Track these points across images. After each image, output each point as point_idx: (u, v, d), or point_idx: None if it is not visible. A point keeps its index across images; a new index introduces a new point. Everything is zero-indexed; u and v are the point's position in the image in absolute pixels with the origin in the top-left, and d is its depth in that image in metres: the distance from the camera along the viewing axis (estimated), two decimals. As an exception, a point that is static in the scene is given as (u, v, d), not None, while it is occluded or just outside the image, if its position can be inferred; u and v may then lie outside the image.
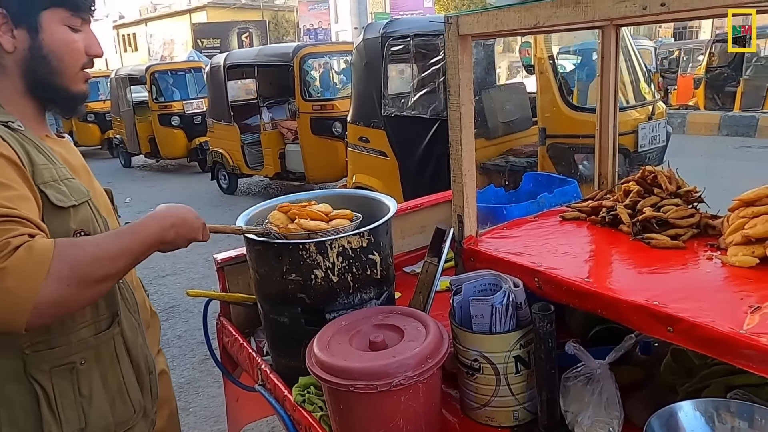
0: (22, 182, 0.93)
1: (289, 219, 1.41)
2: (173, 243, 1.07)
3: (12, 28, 1.01)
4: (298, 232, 1.37)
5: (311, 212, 1.42)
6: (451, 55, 1.26)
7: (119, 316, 1.10)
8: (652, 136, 4.42)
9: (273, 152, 7.60)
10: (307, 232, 1.36)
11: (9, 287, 0.83)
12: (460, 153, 1.31)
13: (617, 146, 1.66)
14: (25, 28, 1.02)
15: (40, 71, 1.04)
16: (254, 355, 1.58)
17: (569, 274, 1.16)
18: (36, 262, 0.85)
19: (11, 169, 0.92)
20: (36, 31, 1.02)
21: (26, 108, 1.06)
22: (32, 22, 1.02)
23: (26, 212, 0.90)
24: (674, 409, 0.91)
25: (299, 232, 1.36)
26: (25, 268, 0.84)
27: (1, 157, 0.92)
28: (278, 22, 36.59)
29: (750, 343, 0.85)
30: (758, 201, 1.20)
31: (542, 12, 1.04)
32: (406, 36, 4.68)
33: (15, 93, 1.05)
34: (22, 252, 0.84)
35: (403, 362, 1.08)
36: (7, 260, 0.82)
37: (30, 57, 1.03)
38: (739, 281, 1.08)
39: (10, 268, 0.82)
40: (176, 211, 1.10)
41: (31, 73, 1.04)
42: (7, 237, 0.84)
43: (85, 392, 1.03)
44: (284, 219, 1.42)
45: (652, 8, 0.88)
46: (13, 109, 1.03)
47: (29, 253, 0.84)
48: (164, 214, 1.07)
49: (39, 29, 1.02)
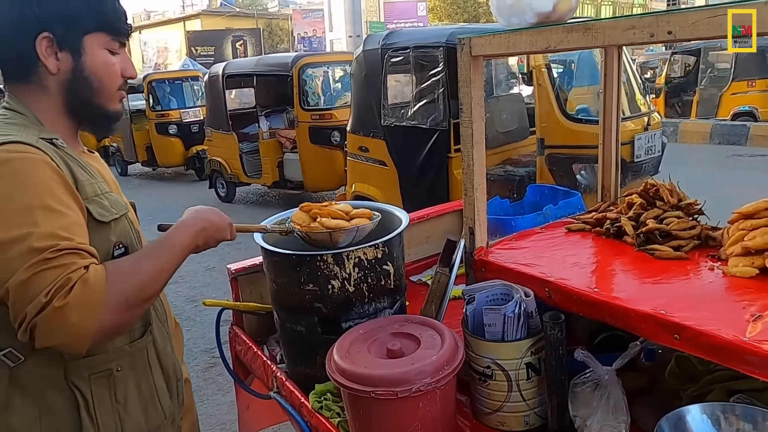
0: (74, 204, 0.99)
1: (311, 218, 1.46)
2: (204, 246, 1.15)
3: (57, 51, 1.06)
4: (320, 230, 1.41)
5: (332, 211, 1.46)
6: (463, 75, 1.31)
7: (151, 326, 1.15)
8: (648, 147, 4.50)
9: (271, 161, 7.66)
10: (329, 231, 1.41)
11: (72, 322, 0.90)
12: (471, 167, 1.36)
13: (620, 160, 1.72)
14: (68, 50, 1.07)
15: (81, 91, 1.09)
16: (269, 363, 1.62)
17: (578, 284, 1.22)
18: (93, 295, 0.91)
19: (64, 190, 0.98)
20: (79, 53, 1.07)
21: (64, 126, 1.11)
22: (76, 46, 1.07)
23: (81, 240, 0.95)
24: (682, 413, 0.96)
25: (321, 230, 1.41)
26: (84, 302, 0.90)
27: (57, 177, 0.97)
28: (272, 30, 36.70)
29: (753, 350, 0.90)
30: (757, 214, 1.26)
31: (554, 36, 1.10)
32: (406, 47, 4.76)
33: (55, 112, 1.10)
34: (80, 287, 0.90)
35: (421, 369, 1.13)
36: (68, 296, 0.89)
37: (72, 78, 1.08)
38: (741, 291, 1.13)
39: (72, 304, 0.89)
40: (203, 215, 1.16)
41: (73, 93, 1.09)
42: (68, 273, 0.90)
43: (121, 398, 1.08)
44: (306, 218, 1.46)
45: (659, 36, 0.94)
46: (53, 127, 1.08)
47: (86, 288, 0.91)
48: (193, 221, 1.13)
49: (82, 52, 1.08)
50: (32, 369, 1.01)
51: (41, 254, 0.89)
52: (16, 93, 1.09)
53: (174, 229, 1.11)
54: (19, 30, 1.03)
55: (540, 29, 1.15)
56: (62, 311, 0.88)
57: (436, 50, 4.53)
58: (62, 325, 0.89)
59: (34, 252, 0.89)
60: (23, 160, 0.95)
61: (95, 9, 1.08)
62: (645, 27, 0.96)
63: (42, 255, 0.89)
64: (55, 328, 0.89)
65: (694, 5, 13.37)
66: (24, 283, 0.89)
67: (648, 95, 5.21)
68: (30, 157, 0.96)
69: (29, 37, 1.03)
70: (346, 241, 1.43)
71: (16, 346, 0.99)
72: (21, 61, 1.06)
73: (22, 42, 1.04)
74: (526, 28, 1.18)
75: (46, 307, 0.88)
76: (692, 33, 0.92)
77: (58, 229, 0.92)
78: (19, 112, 1.06)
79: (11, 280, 0.89)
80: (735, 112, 10.97)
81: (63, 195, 0.97)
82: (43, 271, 0.89)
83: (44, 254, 0.89)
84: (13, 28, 1.04)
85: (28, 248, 0.89)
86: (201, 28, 32.76)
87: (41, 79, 1.07)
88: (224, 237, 1.19)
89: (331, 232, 1.41)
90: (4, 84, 1.11)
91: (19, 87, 1.08)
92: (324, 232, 1.41)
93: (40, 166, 0.96)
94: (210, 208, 1.20)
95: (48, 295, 0.88)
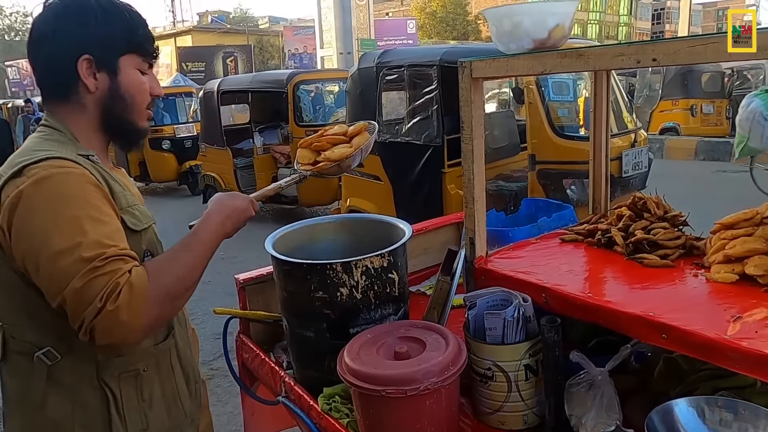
0: (113, 213, 1.07)
1: (314, 153, 1.48)
2: (234, 231, 1.24)
3: (95, 71, 1.15)
4: (329, 165, 1.45)
5: (331, 138, 1.49)
6: (464, 95, 1.41)
7: (174, 330, 1.23)
8: (635, 163, 4.63)
9: (266, 176, 7.73)
10: (337, 163, 1.44)
11: (123, 321, 0.98)
12: (472, 181, 1.45)
13: (609, 174, 1.82)
14: (106, 71, 1.16)
15: (115, 108, 1.18)
16: (277, 369, 1.68)
17: (573, 289, 1.30)
18: (139, 295, 1.00)
19: (105, 200, 1.06)
20: (115, 73, 1.16)
21: (97, 142, 1.20)
22: (113, 66, 1.16)
23: (123, 246, 1.04)
24: (670, 406, 1.04)
25: (329, 165, 1.45)
26: (132, 302, 0.99)
27: (97, 190, 1.05)
28: (263, 47, 36.96)
29: (733, 347, 0.99)
30: (736, 225, 1.35)
31: (549, 61, 1.20)
32: (401, 66, 4.88)
33: (90, 128, 1.18)
34: (127, 290, 0.98)
35: (429, 369, 1.20)
36: (118, 299, 0.97)
37: (108, 96, 1.17)
38: (722, 295, 1.22)
39: (122, 305, 0.97)
40: (225, 202, 1.24)
41: (108, 110, 1.18)
42: (116, 278, 0.98)
43: (146, 397, 1.15)
44: (310, 154, 1.49)
45: (645, 62, 1.04)
46: (87, 143, 1.16)
47: (132, 290, 0.99)
48: (217, 210, 1.21)
49: (117, 72, 1.17)
50: (67, 367, 1.09)
51: (91, 263, 0.97)
52: (55, 112, 1.17)
53: (202, 223, 1.18)
54: (63, 54, 1.12)
55: (536, 54, 1.25)
56: (114, 313, 0.96)
57: (430, 68, 4.66)
58: (117, 325, 0.97)
59: (84, 261, 0.97)
60: (67, 174, 1.03)
61: (129, 34, 1.17)
62: (632, 54, 1.06)
63: (92, 264, 0.97)
64: (111, 328, 0.98)
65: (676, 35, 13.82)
66: (79, 291, 0.97)
67: (633, 113, 5.35)
68: (72, 172, 1.04)
69: (71, 60, 1.12)
70: (355, 163, 1.47)
71: (54, 346, 1.07)
72: (62, 82, 1.14)
73: (64, 64, 1.12)
74: (523, 53, 1.28)
75: (102, 311, 0.96)
76: (674, 60, 1.02)
77: (102, 237, 1.00)
78: (57, 129, 1.14)
79: (67, 289, 0.97)
80: (662, 128, 12.46)
81: (103, 205, 1.05)
82: (95, 278, 0.97)
83: (94, 263, 0.97)
84: (58, 52, 1.12)
85: (78, 258, 0.97)
86: (192, 44, 32.94)
87: (80, 97, 1.15)
88: (249, 215, 1.27)
89: (340, 163, 1.45)
90: (43, 104, 1.19)
91: (58, 106, 1.16)
92: (333, 165, 1.45)
93: (81, 180, 1.04)
94: (229, 194, 1.29)
95: (102, 300, 0.96)
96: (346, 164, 1.46)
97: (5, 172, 1.05)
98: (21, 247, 1.01)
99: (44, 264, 0.99)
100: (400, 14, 41.98)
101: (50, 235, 0.98)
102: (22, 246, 1.01)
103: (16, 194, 1.00)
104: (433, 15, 38.34)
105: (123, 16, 1.17)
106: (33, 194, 1.00)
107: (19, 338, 1.11)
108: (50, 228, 0.99)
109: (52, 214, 1.00)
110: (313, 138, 1.52)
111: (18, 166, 1.03)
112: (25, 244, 1.01)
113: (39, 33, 1.14)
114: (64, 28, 1.12)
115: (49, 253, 0.98)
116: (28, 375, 1.11)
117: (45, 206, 1.00)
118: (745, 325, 1.05)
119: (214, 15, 44.20)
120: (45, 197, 1.00)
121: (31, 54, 1.16)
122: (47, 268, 0.99)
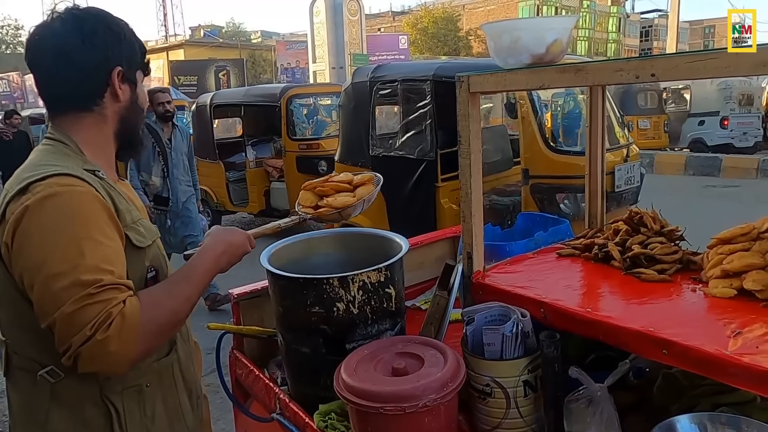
0: (116, 233, 1.06)
1: (316, 196, 1.49)
2: (228, 266, 1.24)
3: (122, 82, 1.18)
4: (330, 212, 1.46)
5: (335, 185, 1.50)
6: (462, 110, 1.41)
7: (176, 345, 1.22)
8: (628, 177, 4.67)
9: (258, 189, 7.71)
10: (339, 211, 1.45)
11: (112, 351, 0.97)
12: (469, 196, 1.45)
13: (605, 189, 1.82)
14: (128, 83, 1.20)
15: (132, 119, 1.23)
16: (271, 385, 1.66)
17: (572, 304, 1.30)
18: (130, 328, 0.99)
19: (108, 220, 1.05)
20: (135, 85, 1.21)
21: (108, 154, 1.22)
22: (133, 78, 1.21)
23: (119, 273, 1.03)
24: (673, 422, 1.03)
25: (330, 212, 1.46)
26: (122, 333, 0.98)
27: (102, 209, 1.04)
28: (256, 61, 37.09)
29: (735, 363, 0.99)
30: (733, 239, 1.36)
31: (547, 76, 1.21)
32: (394, 80, 4.91)
33: (104, 139, 1.20)
34: (119, 321, 0.98)
35: (427, 386, 1.19)
36: (109, 330, 0.97)
37: (129, 106, 1.21)
38: (721, 310, 1.22)
39: (112, 336, 0.97)
40: (222, 237, 1.25)
41: (125, 120, 1.21)
42: (109, 308, 0.98)
43: (149, 413, 1.14)
44: (312, 197, 1.50)
45: (644, 77, 1.04)
46: (99, 155, 1.17)
47: (124, 321, 0.98)
48: (213, 244, 1.22)
49: (137, 84, 1.21)
50: (71, 385, 1.08)
51: (86, 289, 0.97)
52: (64, 124, 1.16)
53: (198, 256, 1.19)
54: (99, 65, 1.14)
55: (535, 69, 1.25)
56: (103, 343, 0.96)
57: (423, 83, 4.68)
58: (104, 354, 0.97)
59: (80, 286, 0.97)
60: (72, 193, 1.02)
61: (141, 49, 1.22)
62: (632, 69, 1.07)
63: (87, 290, 0.97)
64: (97, 357, 0.97)
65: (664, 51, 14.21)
66: (71, 316, 0.96)
67: (626, 128, 5.40)
68: (78, 190, 1.03)
69: (106, 70, 1.15)
70: (356, 213, 1.48)
71: (57, 365, 1.06)
72: (90, 91, 1.16)
73: (98, 76, 1.15)
74: (521, 68, 1.29)
75: (90, 339, 0.96)
76: (673, 75, 1.03)
77: (101, 261, 1.00)
78: (62, 141, 1.13)
79: (58, 312, 0.96)
80: (612, 143, 13.43)
81: (106, 226, 1.04)
82: (88, 306, 0.96)
83: (89, 289, 0.97)
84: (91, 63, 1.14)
85: (74, 281, 0.97)
86: (184, 57, 33.00)
87: (103, 108, 1.17)
88: (245, 251, 1.28)
89: (341, 211, 1.46)
90: (50, 115, 1.18)
91: (70, 117, 1.16)
92: (334, 212, 1.46)
93: (87, 200, 1.03)
94: (227, 229, 1.29)
95: (92, 329, 0.96)
96: (347, 213, 1.47)
97: (12, 188, 1.05)
98: (20, 264, 1.01)
99: (39, 284, 0.98)
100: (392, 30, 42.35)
101: (48, 256, 0.98)
102: (21, 263, 1.01)
103: (21, 211, 1.01)
104: (425, 31, 38.71)
105: (134, 32, 1.22)
106: (36, 212, 1.00)
107: (22, 354, 1.11)
108: (49, 248, 0.99)
109: (52, 234, 0.99)
110: (317, 182, 1.54)
111: (24, 182, 1.03)
112: (24, 262, 1.01)
113: (59, 44, 1.12)
114: (99, 40, 1.13)
115: (45, 274, 0.98)
116: (31, 392, 1.11)
117: (47, 225, 1.00)
118: (745, 341, 1.05)
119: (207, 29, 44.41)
120: (47, 216, 1.00)
121: (45, 65, 1.14)
122: (41, 288, 0.98)
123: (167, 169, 4.94)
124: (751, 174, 10.47)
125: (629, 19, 46.00)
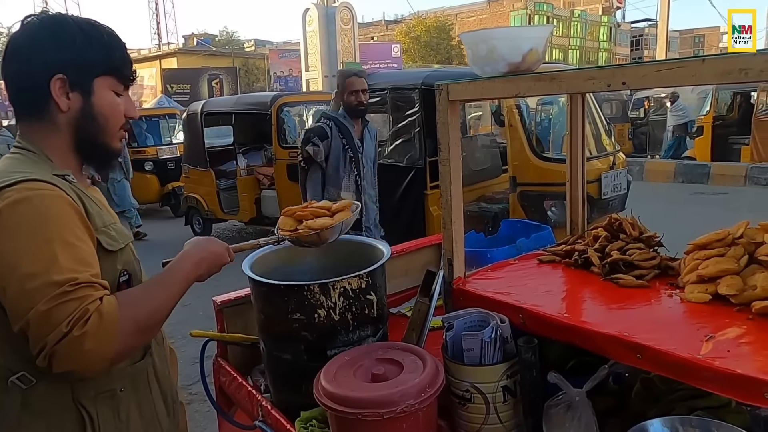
0: (87, 236, 1.06)
1: (296, 221, 1.51)
2: (207, 274, 1.23)
3: (68, 91, 1.14)
4: (308, 233, 1.48)
5: (314, 210, 1.52)
6: (441, 117, 1.42)
7: (151, 349, 1.21)
8: (614, 185, 4.71)
9: (249, 197, 7.70)
10: (317, 232, 1.47)
11: (88, 349, 0.96)
12: (449, 203, 1.46)
13: (586, 196, 1.84)
14: (79, 91, 1.15)
15: (88, 129, 1.18)
16: (254, 393, 1.66)
17: (550, 310, 1.31)
18: (108, 324, 0.98)
19: (80, 223, 1.05)
20: (89, 94, 1.16)
21: (72, 162, 1.19)
22: (86, 87, 1.16)
23: (95, 271, 1.02)
24: (645, 426, 1.04)
25: (309, 233, 1.48)
26: (99, 331, 0.97)
27: (73, 212, 1.04)
28: (249, 69, 37.13)
29: (706, 366, 1.00)
30: (709, 245, 1.37)
31: (523, 84, 1.22)
32: (383, 89, 4.94)
33: (65, 148, 1.17)
34: (96, 317, 0.97)
35: (405, 392, 1.19)
36: (85, 326, 0.96)
37: (81, 116, 1.16)
38: (696, 315, 1.23)
39: (89, 333, 0.96)
40: (201, 246, 1.25)
41: (81, 130, 1.17)
42: (85, 304, 0.97)
43: (123, 418, 1.14)
44: (292, 222, 1.52)
45: (615, 86, 1.06)
46: (62, 164, 1.15)
47: (101, 318, 0.98)
48: (192, 252, 1.22)
49: (91, 93, 1.17)
50: (43, 391, 1.07)
51: (61, 287, 0.96)
52: (29, 131, 1.16)
53: (177, 261, 1.18)
54: (36, 71, 1.12)
55: (511, 77, 1.27)
56: (80, 340, 0.95)
57: (412, 92, 4.72)
58: (80, 352, 0.96)
59: (54, 285, 0.96)
60: (42, 197, 1.02)
61: (106, 56, 1.18)
62: (603, 78, 1.08)
63: (62, 288, 0.96)
64: (73, 355, 0.96)
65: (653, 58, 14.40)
66: (45, 314, 0.95)
67: (613, 136, 5.46)
68: (48, 194, 1.03)
69: (45, 78, 1.12)
70: (334, 236, 1.50)
71: (28, 370, 1.05)
72: (35, 100, 1.14)
73: (37, 82, 1.12)
74: (498, 76, 1.31)
75: (66, 336, 0.94)
76: (643, 83, 1.05)
77: (75, 262, 0.99)
78: (30, 150, 1.13)
79: (32, 312, 0.95)
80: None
81: (78, 229, 1.04)
82: (63, 303, 0.95)
83: (64, 287, 0.96)
84: (31, 70, 1.12)
85: (48, 281, 0.96)
86: (177, 66, 32.99)
87: (53, 116, 1.15)
88: (224, 261, 1.27)
89: (319, 232, 1.47)
90: (17, 123, 1.18)
91: (32, 125, 1.16)
92: (312, 234, 1.47)
93: (57, 202, 1.03)
94: (206, 238, 1.29)
95: (68, 326, 0.95)
96: (325, 235, 1.49)
97: None
98: None
99: (12, 285, 0.97)
100: (385, 38, 42.59)
101: (21, 258, 0.98)
102: None
103: None
104: (418, 39, 38.91)
105: (101, 39, 1.17)
106: (8, 216, 1.00)
107: None
108: (22, 250, 0.98)
109: (25, 236, 0.99)
110: (297, 208, 1.57)
111: None
112: None
113: (13, 50, 1.14)
114: (39, 46, 1.12)
115: (18, 275, 0.97)
116: (1, 399, 1.08)
117: (19, 228, 0.99)
118: (717, 345, 1.06)
119: (200, 38, 44.42)
120: (19, 220, 1.00)
121: (5, 71, 1.16)
122: (15, 289, 0.97)
123: (359, 180, 3.70)
124: (739, 181, 10.58)
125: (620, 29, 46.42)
